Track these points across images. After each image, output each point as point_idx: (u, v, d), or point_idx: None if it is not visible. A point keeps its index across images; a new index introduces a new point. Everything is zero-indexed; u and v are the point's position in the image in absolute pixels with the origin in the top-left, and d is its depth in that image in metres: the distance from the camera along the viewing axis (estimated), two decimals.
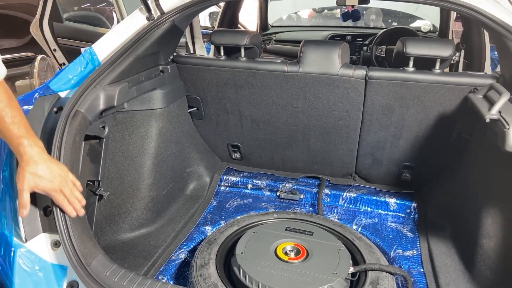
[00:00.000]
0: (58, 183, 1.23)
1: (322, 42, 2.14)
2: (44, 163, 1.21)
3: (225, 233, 1.80)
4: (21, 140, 1.18)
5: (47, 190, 1.22)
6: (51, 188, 1.22)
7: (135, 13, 1.91)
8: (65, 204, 1.27)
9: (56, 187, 1.23)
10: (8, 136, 1.18)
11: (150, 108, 1.96)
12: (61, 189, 1.24)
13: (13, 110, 1.18)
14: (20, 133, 1.18)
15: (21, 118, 1.20)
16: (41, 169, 1.19)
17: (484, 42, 2.66)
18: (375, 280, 1.52)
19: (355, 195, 2.23)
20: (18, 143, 1.18)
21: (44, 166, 1.20)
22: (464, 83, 1.77)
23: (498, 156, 1.59)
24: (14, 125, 1.17)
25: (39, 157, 1.20)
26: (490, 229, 1.58)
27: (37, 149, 1.21)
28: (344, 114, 2.04)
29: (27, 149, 1.18)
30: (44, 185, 1.20)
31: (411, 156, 2.11)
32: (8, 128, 1.16)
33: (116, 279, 1.28)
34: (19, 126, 1.18)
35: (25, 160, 1.18)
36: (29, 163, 1.18)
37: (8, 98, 1.18)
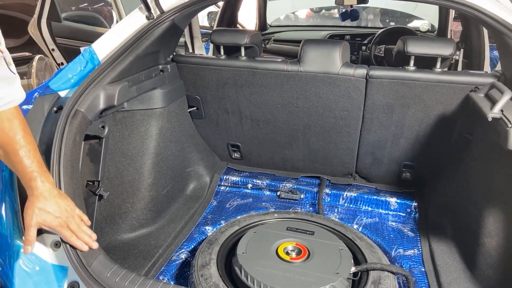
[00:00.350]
0: (64, 218, 1.21)
1: (323, 41, 2.14)
2: (53, 199, 1.19)
3: (226, 233, 1.79)
4: (33, 175, 1.17)
5: (54, 227, 1.20)
6: (58, 224, 1.20)
7: (134, 12, 1.90)
8: (73, 239, 1.24)
9: (62, 223, 1.21)
10: (21, 170, 1.17)
11: (150, 108, 1.95)
12: (67, 225, 1.22)
13: (28, 143, 1.17)
14: (33, 167, 1.17)
15: (35, 151, 1.19)
16: (49, 205, 1.18)
17: (484, 41, 2.66)
18: (377, 279, 1.52)
19: (355, 194, 2.23)
20: (30, 178, 1.17)
21: (53, 202, 1.19)
22: (465, 82, 1.77)
23: (499, 155, 1.59)
24: (28, 159, 1.16)
25: (49, 193, 1.19)
26: (491, 228, 1.58)
27: (48, 185, 1.20)
28: (344, 113, 2.03)
29: (38, 184, 1.17)
30: (51, 221, 1.19)
31: (411, 155, 2.11)
32: (22, 161, 1.16)
33: (117, 280, 1.27)
34: (32, 160, 1.17)
35: (35, 195, 1.17)
36: (39, 198, 1.17)
37: (23, 129, 1.17)
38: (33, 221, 1.16)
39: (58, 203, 1.20)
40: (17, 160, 1.16)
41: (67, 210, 1.23)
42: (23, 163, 1.16)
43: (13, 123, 1.16)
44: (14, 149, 1.15)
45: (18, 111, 1.19)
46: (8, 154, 1.16)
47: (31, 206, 1.16)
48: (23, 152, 1.16)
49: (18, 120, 1.17)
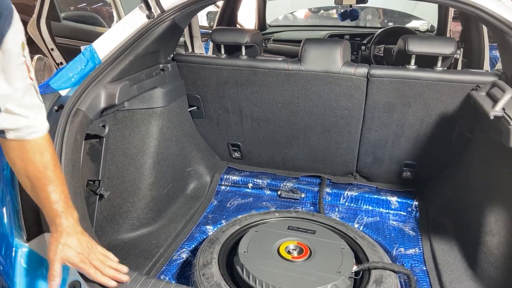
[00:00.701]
0: (86, 254, 1.18)
1: (324, 40, 2.14)
2: (75, 235, 1.17)
3: (227, 232, 1.79)
4: (58, 211, 1.15)
5: (77, 263, 1.16)
6: (80, 260, 1.16)
7: (135, 11, 1.89)
8: (98, 276, 1.19)
9: (84, 259, 1.17)
10: (47, 205, 1.15)
11: (150, 107, 1.95)
12: (90, 261, 1.19)
13: (57, 177, 1.16)
14: (60, 203, 1.15)
15: (63, 186, 1.17)
16: (72, 241, 1.16)
17: (484, 40, 2.67)
18: (379, 278, 1.51)
19: (356, 193, 2.22)
20: (56, 214, 1.15)
21: (75, 238, 1.17)
22: (466, 80, 1.77)
23: (501, 154, 1.59)
24: (55, 194, 1.15)
25: (72, 229, 1.17)
26: (493, 226, 1.58)
27: (72, 221, 1.18)
28: (345, 112, 2.03)
29: (63, 220, 1.15)
30: (74, 257, 1.15)
31: (412, 154, 2.11)
32: (49, 197, 1.14)
33: None
34: (59, 195, 1.15)
35: (59, 231, 1.15)
36: (63, 234, 1.15)
37: (54, 163, 1.16)
38: (57, 256, 1.13)
39: (80, 240, 1.18)
40: (44, 195, 1.14)
41: (89, 247, 1.20)
42: (50, 198, 1.14)
43: (44, 156, 1.15)
44: (42, 183, 1.14)
45: (50, 142, 1.18)
46: (35, 188, 1.15)
47: (54, 242, 1.14)
48: (51, 187, 1.14)
49: (50, 154, 1.16)
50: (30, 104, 1.10)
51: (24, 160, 1.13)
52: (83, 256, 1.17)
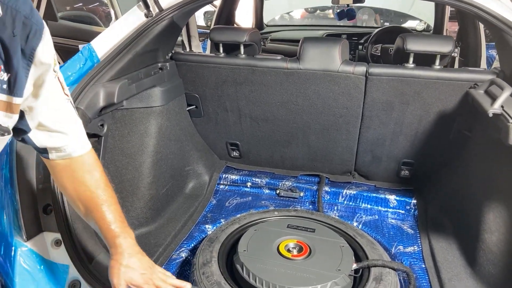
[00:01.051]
0: (149, 275, 1.14)
1: (322, 39, 2.15)
2: (136, 255, 1.13)
3: (226, 231, 1.78)
4: (116, 232, 1.11)
5: (141, 284, 1.11)
6: (144, 281, 1.12)
7: (133, 10, 1.89)
8: None
9: (147, 279, 1.13)
10: (103, 226, 1.11)
11: (149, 106, 1.94)
12: (153, 281, 1.14)
13: (110, 196, 1.13)
14: (117, 224, 1.12)
15: (116, 205, 1.15)
16: (134, 261, 1.11)
17: (480, 39, 2.68)
18: (379, 276, 1.52)
19: (355, 192, 2.23)
20: (114, 235, 1.11)
21: (137, 259, 1.12)
22: (464, 78, 1.78)
23: (499, 151, 1.60)
24: (110, 214, 1.11)
25: (132, 250, 1.13)
26: (492, 224, 1.58)
27: (131, 241, 1.14)
28: (344, 111, 2.03)
29: (122, 241, 1.11)
30: (138, 279, 1.11)
31: (410, 152, 2.12)
32: (104, 217, 1.10)
33: None
34: (114, 215, 1.12)
35: (119, 252, 1.10)
36: (124, 255, 1.10)
37: (104, 182, 1.13)
38: (121, 280, 1.09)
39: (141, 260, 1.14)
40: (99, 216, 1.10)
41: (150, 267, 1.16)
42: (106, 219, 1.10)
43: (94, 175, 1.12)
44: (96, 204, 1.11)
45: (97, 160, 1.15)
46: (89, 210, 1.11)
47: (116, 265, 1.10)
48: (105, 207, 1.11)
49: (99, 172, 1.13)
50: (67, 119, 1.06)
51: (74, 182, 1.10)
52: (146, 277, 1.12)
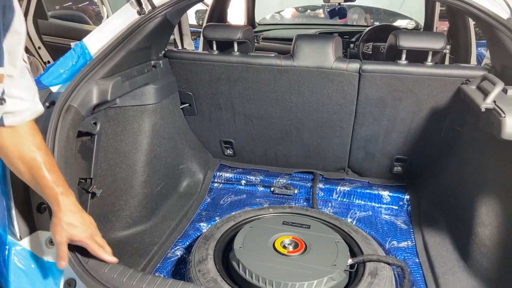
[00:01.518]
0: (90, 231, 1.22)
1: (316, 36, 2.16)
2: (78, 213, 1.19)
3: (221, 228, 1.78)
4: (58, 190, 1.16)
5: (83, 239, 1.19)
6: (86, 236, 1.20)
7: (125, 7, 1.87)
8: (101, 252, 1.24)
9: (89, 235, 1.21)
10: (45, 185, 1.16)
11: (142, 104, 1.93)
12: (94, 238, 1.22)
13: (49, 157, 1.18)
14: (55, 181, 1.16)
15: (54, 166, 1.19)
16: (76, 219, 1.18)
17: (471, 37, 2.72)
18: (374, 270, 1.53)
19: (348, 188, 2.24)
20: (55, 193, 1.16)
21: (79, 216, 1.19)
22: (456, 75, 1.80)
23: (491, 146, 1.63)
24: (52, 174, 1.16)
25: (74, 208, 1.19)
26: (485, 217, 1.60)
27: (73, 199, 1.20)
28: (337, 108, 2.04)
29: (64, 199, 1.17)
30: (80, 234, 1.18)
31: (403, 149, 2.14)
32: (45, 177, 1.15)
33: (115, 276, 1.25)
34: (53, 174, 1.17)
35: (62, 210, 1.16)
36: (66, 213, 1.16)
37: (45, 147, 1.18)
38: (63, 237, 1.15)
39: (83, 217, 1.20)
40: (41, 175, 1.15)
41: (92, 223, 1.24)
42: (48, 178, 1.15)
43: (36, 138, 1.17)
44: (38, 163, 1.15)
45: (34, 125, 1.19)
46: (31, 169, 1.15)
47: (58, 222, 1.15)
48: (47, 167, 1.15)
49: (40, 136, 1.19)
50: (27, 86, 1.11)
51: (17, 144, 1.14)
52: (87, 233, 1.20)
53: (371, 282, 1.47)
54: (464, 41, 2.78)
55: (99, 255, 1.23)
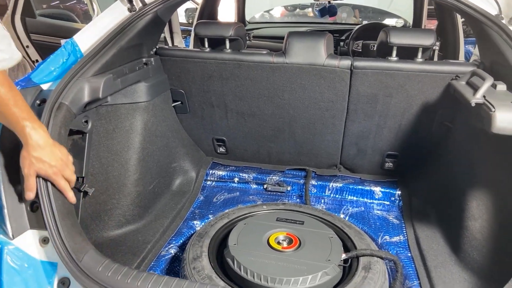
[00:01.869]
0: (59, 167, 1.25)
1: (308, 33, 2.17)
2: (48, 147, 1.23)
3: (215, 226, 1.78)
4: (24, 122, 1.19)
5: (49, 175, 1.24)
6: (53, 172, 1.24)
7: (116, 4, 1.86)
8: (67, 189, 1.30)
9: (56, 171, 1.25)
10: (12, 120, 1.19)
11: (134, 102, 1.92)
12: (62, 173, 1.27)
13: (16, 95, 1.20)
14: (23, 116, 1.19)
15: (23, 102, 1.22)
16: (45, 154, 1.22)
17: (459, 34, 2.75)
18: (367, 265, 1.55)
19: (341, 185, 2.26)
20: (23, 126, 1.19)
21: (49, 150, 1.22)
22: (446, 71, 1.83)
23: (480, 140, 1.65)
24: (17, 108, 1.18)
25: (43, 141, 1.22)
26: (475, 211, 1.63)
27: (42, 132, 1.23)
28: (329, 104, 2.06)
29: (32, 132, 1.20)
30: (47, 170, 1.23)
31: (394, 145, 2.16)
32: (12, 111, 1.18)
33: (109, 274, 1.24)
34: (22, 109, 1.20)
35: (30, 144, 1.20)
36: (35, 147, 1.20)
37: (9, 84, 1.19)
38: (31, 170, 1.21)
39: (54, 152, 1.24)
40: (7, 111, 1.17)
41: (62, 159, 1.27)
42: (14, 113, 1.18)
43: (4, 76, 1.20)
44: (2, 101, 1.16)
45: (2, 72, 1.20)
46: None
47: (27, 156, 1.20)
48: (11, 101, 1.18)
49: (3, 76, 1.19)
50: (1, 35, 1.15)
51: None
52: (56, 169, 1.25)
53: (365, 276, 1.48)
54: (452, 39, 2.82)
55: (65, 192, 1.30)
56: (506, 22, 1.58)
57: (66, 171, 1.28)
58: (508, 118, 1.32)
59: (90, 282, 1.21)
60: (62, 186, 1.28)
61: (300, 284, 1.42)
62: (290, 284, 1.42)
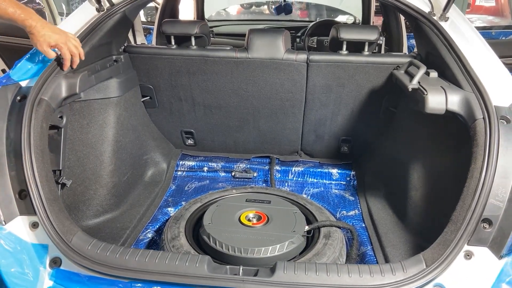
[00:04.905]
0: (65, 37, 1.57)
1: (267, 30, 2.34)
2: (48, 26, 1.52)
3: (190, 209, 1.93)
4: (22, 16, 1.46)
5: (59, 42, 1.53)
6: (61, 41, 1.54)
7: (84, 4, 1.95)
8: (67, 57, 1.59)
9: (64, 41, 1.55)
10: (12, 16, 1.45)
11: (106, 97, 2.02)
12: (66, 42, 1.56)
13: None
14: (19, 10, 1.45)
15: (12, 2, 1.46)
16: (48, 29, 1.51)
17: (402, 30, 3.05)
18: (327, 234, 1.76)
19: (302, 169, 2.47)
20: (23, 19, 1.47)
21: (49, 28, 1.52)
22: (389, 62, 2.08)
23: (417, 121, 1.91)
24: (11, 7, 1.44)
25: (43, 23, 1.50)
26: (416, 182, 1.89)
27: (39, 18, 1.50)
28: (289, 95, 2.25)
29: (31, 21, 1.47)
30: (57, 39, 1.52)
31: (348, 130, 2.40)
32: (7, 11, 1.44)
33: (98, 251, 1.36)
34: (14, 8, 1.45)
35: (34, 27, 1.48)
36: (38, 29, 1.48)
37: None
38: (44, 45, 1.50)
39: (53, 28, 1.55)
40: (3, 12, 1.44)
41: (63, 32, 1.58)
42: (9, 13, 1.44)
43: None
44: None
45: None
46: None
47: (36, 36, 1.49)
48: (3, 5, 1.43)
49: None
50: None
51: None
52: (63, 38, 1.55)
53: (325, 243, 1.69)
54: (396, 34, 3.12)
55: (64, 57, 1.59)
56: (437, 18, 1.83)
57: (70, 41, 1.58)
58: (438, 100, 1.57)
59: (82, 259, 1.33)
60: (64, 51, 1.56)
61: (269, 253, 1.60)
62: (261, 253, 1.60)
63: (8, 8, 1.44)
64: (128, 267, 1.32)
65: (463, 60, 1.61)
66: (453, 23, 1.79)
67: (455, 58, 1.64)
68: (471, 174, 1.37)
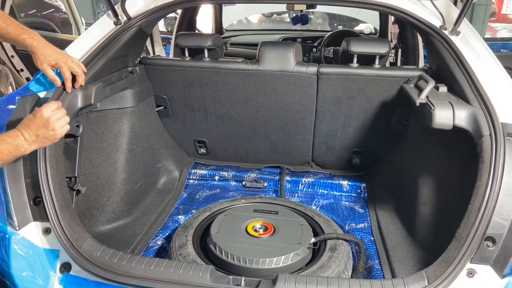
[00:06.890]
0: (65, 57, 1.60)
1: (278, 43, 2.38)
2: (49, 46, 1.56)
3: (198, 218, 1.97)
4: (22, 36, 1.51)
5: (59, 62, 1.56)
6: (62, 60, 1.57)
7: (103, 18, 2.04)
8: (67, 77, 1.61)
9: (64, 60, 1.59)
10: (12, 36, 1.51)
11: (121, 107, 2.09)
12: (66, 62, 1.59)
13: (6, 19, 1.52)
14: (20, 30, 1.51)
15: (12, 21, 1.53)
16: (49, 50, 1.55)
17: (417, 41, 3.03)
18: (333, 246, 1.76)
19: (312, 180, 2.48)
20: (23, 39, 1.51)
21: (50, 48, 1.56)
22: (399, 75, 2.08)
23: (427, 135, 1.90)
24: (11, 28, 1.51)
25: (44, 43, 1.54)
26: (425, 197, 1.88)
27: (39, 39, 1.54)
28: (300, 107, 2.28)
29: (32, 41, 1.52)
30: (56, 58, 1.55)
31: (359, 142, 2.40)
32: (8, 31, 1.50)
33: (106, 258, 1.41)
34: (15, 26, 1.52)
35: (35, 46, 1.52)
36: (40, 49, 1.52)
37: None
38: (44, 64, 1.53)
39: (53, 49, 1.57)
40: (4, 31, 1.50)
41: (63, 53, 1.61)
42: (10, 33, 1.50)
43: None
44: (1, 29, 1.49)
45: None
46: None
47: (38, 55, 1.53)
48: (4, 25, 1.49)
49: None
50: None
51: None
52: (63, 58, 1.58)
53: (331, 256, 1.70)
54: (412, 45, 3.09)
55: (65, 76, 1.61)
56: (448, 32, 1.82)
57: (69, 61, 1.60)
58: (445, 115, 1.56)
59: (90, 265, 1.38)
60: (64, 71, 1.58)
61: (274, 264, 1.62)
62: (266, 264, 1.61)
63: (8, 28, 1.50)
64: (134, 274, 1.36)
65: (472, 75, 1.60)
66: (464, 38, 1.78)
67: (464, 73, 1.63)
68: (476, 191, 1.36)
